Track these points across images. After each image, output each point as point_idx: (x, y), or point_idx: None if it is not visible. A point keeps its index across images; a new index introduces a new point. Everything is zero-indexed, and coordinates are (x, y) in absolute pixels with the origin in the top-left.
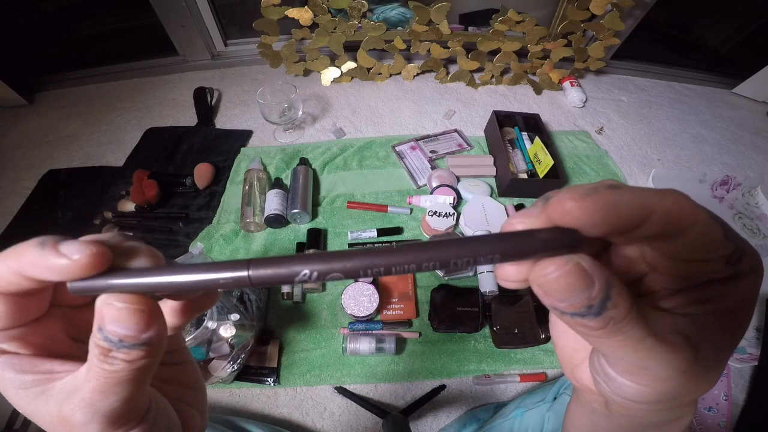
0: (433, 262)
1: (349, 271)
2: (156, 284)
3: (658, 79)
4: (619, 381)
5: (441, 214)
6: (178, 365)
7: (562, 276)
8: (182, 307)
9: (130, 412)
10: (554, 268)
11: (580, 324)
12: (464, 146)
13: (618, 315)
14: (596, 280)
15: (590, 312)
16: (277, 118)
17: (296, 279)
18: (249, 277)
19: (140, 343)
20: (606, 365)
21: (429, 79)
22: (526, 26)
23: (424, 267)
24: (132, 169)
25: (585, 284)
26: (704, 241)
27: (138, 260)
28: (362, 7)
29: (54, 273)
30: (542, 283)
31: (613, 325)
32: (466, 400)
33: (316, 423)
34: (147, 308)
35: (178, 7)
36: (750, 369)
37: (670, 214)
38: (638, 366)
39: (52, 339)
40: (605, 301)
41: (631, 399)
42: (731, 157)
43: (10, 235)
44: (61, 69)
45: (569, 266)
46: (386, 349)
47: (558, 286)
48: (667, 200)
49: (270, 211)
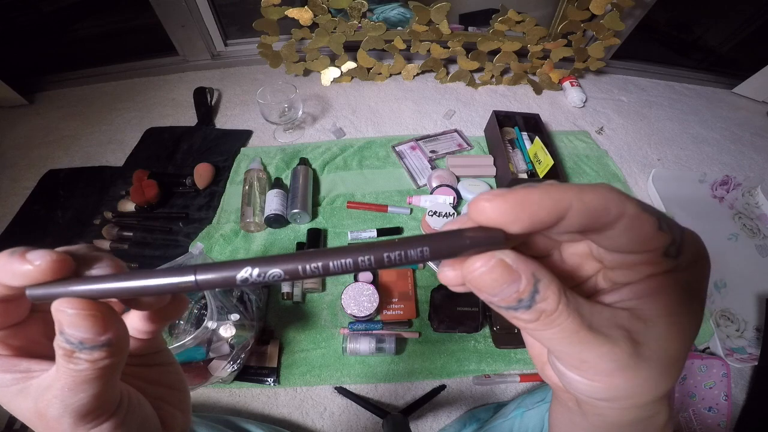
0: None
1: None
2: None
3: (658, 79)
4: (568, 376)
5: (441, 214)
6: (159, 366)
7: (487, 272)
8: (150, 314)
9: (100, 407)
10: (480, 264)
11: (514, 317)
12: (464, 146)
13: (548, 307)
14: (522, 274)
15: (521, 305)
16: (277, 118)
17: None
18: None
19: (100, 345)
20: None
21: (429, 79)
22: (526, 26)
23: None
24: (132, 169)
25: (510, 278)
26: (634, 234)
27: (98, 268)
28: (362, 7)
29: (18, 277)
30: (471, 279)
31: (545, 317)
32: (466, 400)
33: (316, 423)
34: (99, 313)
35: (178, 7)
36: (750, 369)
37: (590, 208)
38: (578, 359)
39: (32, 341)
40: (533, 294)
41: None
42: (731, 157)
43: (10, 235)
44: (61, 69)
45: (493, 262)
46: (386, 349)
47: (485, 281)
48: (587, 195)
49: (270, 211)
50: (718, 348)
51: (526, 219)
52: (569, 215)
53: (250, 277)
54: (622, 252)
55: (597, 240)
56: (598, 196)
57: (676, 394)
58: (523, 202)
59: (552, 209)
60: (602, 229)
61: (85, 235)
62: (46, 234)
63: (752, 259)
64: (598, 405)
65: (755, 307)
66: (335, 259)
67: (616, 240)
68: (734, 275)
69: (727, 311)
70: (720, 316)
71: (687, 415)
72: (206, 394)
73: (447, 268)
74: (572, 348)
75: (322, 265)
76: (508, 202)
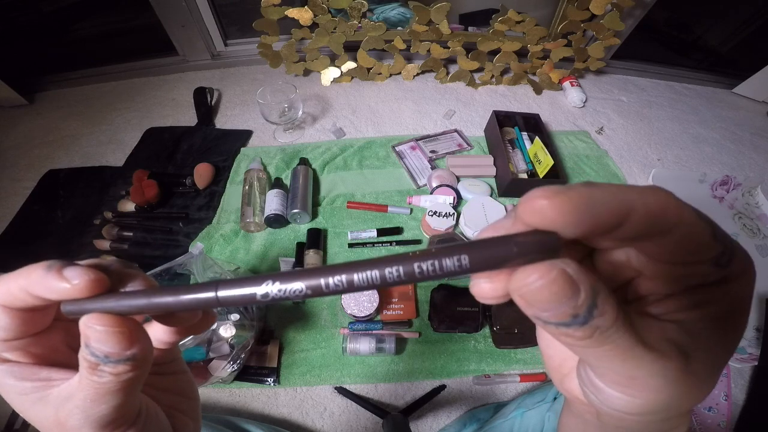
0: (396, 268)
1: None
2: (132, 306)
3: (658, 79)
4: (607, 392)
5: (441, 214)
6: (173, 375)
7: (546, 285)
8: (177, 328)
9: (120, 418)
10: (537, 276)
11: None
12: (464, 146)
13: (605, 323)
14: (582, 288)
15: (576, 321)
16: (277, 118)
17: (258, 296)
18: (217, 298)
19: (125, 359)
20: (593, 376)
21: (429, 79)
22: (526, 26)
23: (389, 276)
24: (132, 169)
25: (571, 292)
26: (691, 242)
27: (132, 285)
28: (362, 7)
29: (54, 293)
30: (525, 293)
31: (599, 334)
32: (466, 400)
33: (316, 423)
34: (126, 329)
35: (178, 7)
36: (750, 369)
37: (652, 212)
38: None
39: (53, 349)
40: (591, 309)
41: (621, 411)
42: (731, 157)
43: (10, 235)
44: (61, 69)
45: (554, 273)
46: (386, 349)
47: (542, 295)
48: (648, 197)
49: (270, 211)
50: None
51: (588, 221)
52: (631, 218)
53: (272, 292)
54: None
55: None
56: (659, 199)
57: None
58: (586, 202)
59: (616, 211)
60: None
61: (85, 235)
62: (46, 234)
63: (752, 259)
64: (625, 419)
65: (755, 307)
66: (361, 271)
67: (668, 248)
68: None
69: None
70: None
71: None
72: (206, 394)
73: (483, 280)
74: (623, 365)
75: (347, 279)
76: (572, 201)
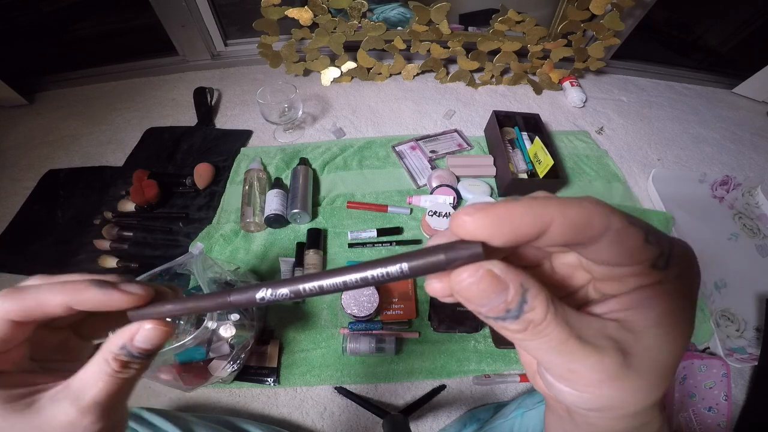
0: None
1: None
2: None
3: (658, 79)
4: (557, 386)
5: (441, 214)
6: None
7: (474, 282)
8: None
9: (124, 403)
10: (467, 275)
11: (503, 328)
12: (464, 146)
13: (536, 317)
14: (510, 284)
15: (509, 315)
16: (277, 118)
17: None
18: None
19: (148, 355)
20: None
21: (429, 79)
22: (526, 26)
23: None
24: (132, 169)
25: (499, 288)
26: (621, 247)
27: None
28: (362, 7)
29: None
30: (458, 290)
31: (533, 327)
32: (466, 400)
33: (316, 423)
34: (170, 329)
35: (178, 7)
36: (750, 369)
37: (573, 223)
38: (567, 369)
39: (22, 358)
40: (521, 304)
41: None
42: (731, 157)
43: (10, 235)
44: (61, 69)
45: (480, 273)
46: (386, 349)
47: (473, 292)
48: (571, 210)
49: (270, 211)
50: (718, 348)
51: (507, 233)
52: (551, 229)
53: (266, 296)
54: (609, 265)
55: (583, 253)
56: (582, 210)
57: (676, 394)
58: (503, 217)
59: (533, 224)
60: (587, 242)
61: (85, 235)
62: (46, 234)
63: (752, 259)
64: (588, 415)
65: (755, 307)
66: (329, 279)
67: (602, 253)
68: (734, 275)
69: (727, 311)
70: (720, 316)
71: (687, 415)
72: (206, 394)
73: (434, 280)
74: (560, 358)
75: (318, 285)
76: (488, 217)
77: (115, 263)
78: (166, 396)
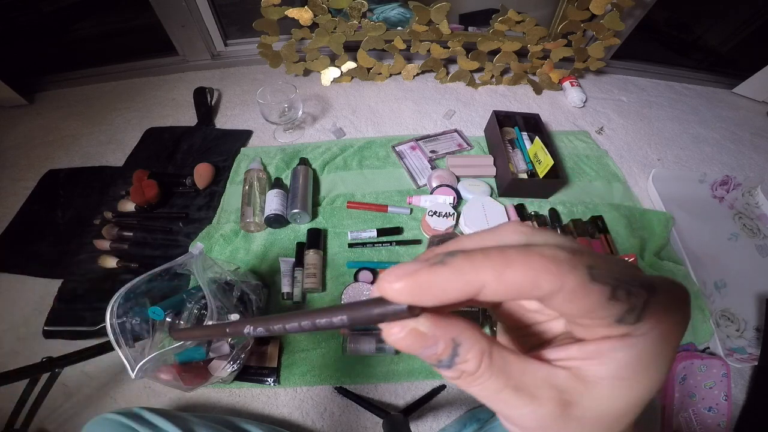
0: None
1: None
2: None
3: (658, 79)
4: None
5: (441, 214)
6: None
7: (402, 338)
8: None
9: None
10: (396, 332)
11: (440, 372)
12: (464, 146)
13: (469, 368)
14: (440, 340)
15: (442, 365)
16: (277, 118)
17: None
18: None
19: None
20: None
21: (429, 79)
22: (526, 26)
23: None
24: (132, 169)
25: (425, 344)
26: (577, 305)
27: None
28: (362, 7)
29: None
30: (392, 342)
31: (467, 376)
32: (466, 400)
33: (316, 423)
34: None
35: (178, 7)
36: (750, 369)
37: (511, 288)
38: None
39: None
40: (453, 357)
41: None
42: (731, 157)
43: (10, 235)
44: (61, 69)
45: (404, 332)
46: (386, 349)
47: (402, 346)
48: (510, 272)
49: (270, 211)
50: (718, 348)
51: (431, 300)
52: (486, 291)
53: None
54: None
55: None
56: (526, 273)
57: (676, 394)
58: (425, 286)
59: (461, 290)
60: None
61: (85, 235)
62: (46, 234)
63: (752, 259)
64: None
65: (755, 307)
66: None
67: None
68: (734, 275)
69: (727, 311)
70: (720, 316)
71: (687, 415)
72: (206, 394)
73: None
74: (496, 405)
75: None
76: (409, 287)
77: (115, 263)
78: (166, 396)
